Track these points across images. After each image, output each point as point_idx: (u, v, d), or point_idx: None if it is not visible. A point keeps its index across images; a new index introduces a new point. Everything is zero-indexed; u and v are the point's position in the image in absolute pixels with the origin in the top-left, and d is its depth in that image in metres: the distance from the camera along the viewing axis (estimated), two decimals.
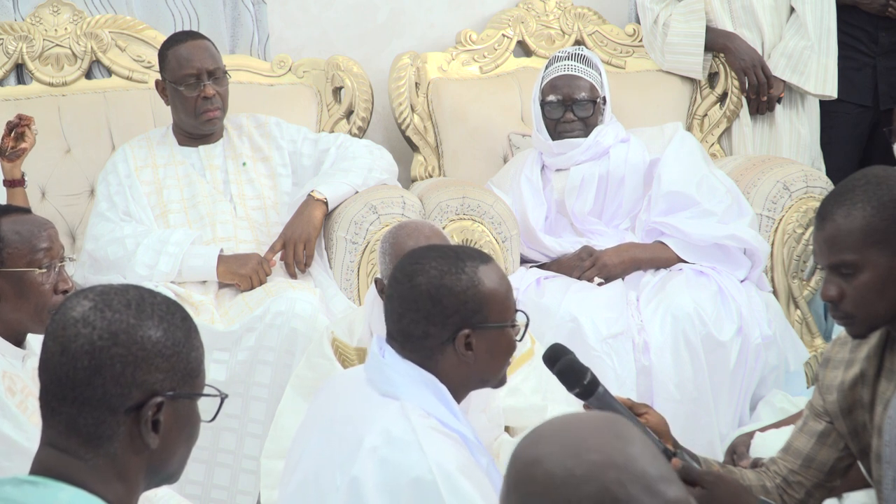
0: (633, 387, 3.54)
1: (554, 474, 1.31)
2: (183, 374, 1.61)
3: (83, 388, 1.56)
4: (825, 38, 4.34)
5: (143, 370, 1.57)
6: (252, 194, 3.83)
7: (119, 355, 1.56)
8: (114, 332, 1.57)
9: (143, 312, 1.59)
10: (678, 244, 3.79)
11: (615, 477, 1.30)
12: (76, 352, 1.56)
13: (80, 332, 1.56)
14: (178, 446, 1.64)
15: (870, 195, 2.13)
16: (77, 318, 1.58)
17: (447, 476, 2.04)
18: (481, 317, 2.16)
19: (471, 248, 2.31)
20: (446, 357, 2.16)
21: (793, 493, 2.37)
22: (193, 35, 3.85)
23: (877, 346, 2.26)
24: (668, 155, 3.90)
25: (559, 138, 3.89)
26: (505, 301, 2.20)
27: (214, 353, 3.44)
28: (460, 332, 2.15)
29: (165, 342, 1.59)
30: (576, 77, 3.89)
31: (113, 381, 1.56)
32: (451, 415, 2.14)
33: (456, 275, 2.15)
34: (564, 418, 1.39)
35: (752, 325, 3.64)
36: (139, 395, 1.57)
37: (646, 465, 1.32)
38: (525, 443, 1.37)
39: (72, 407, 1.56)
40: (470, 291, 2.15)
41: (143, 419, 1.57)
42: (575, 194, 3.88)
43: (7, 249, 2.61)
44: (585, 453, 1.31)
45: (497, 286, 2.19)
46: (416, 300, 2.15)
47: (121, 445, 1.58)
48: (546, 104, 3.89)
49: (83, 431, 1.57)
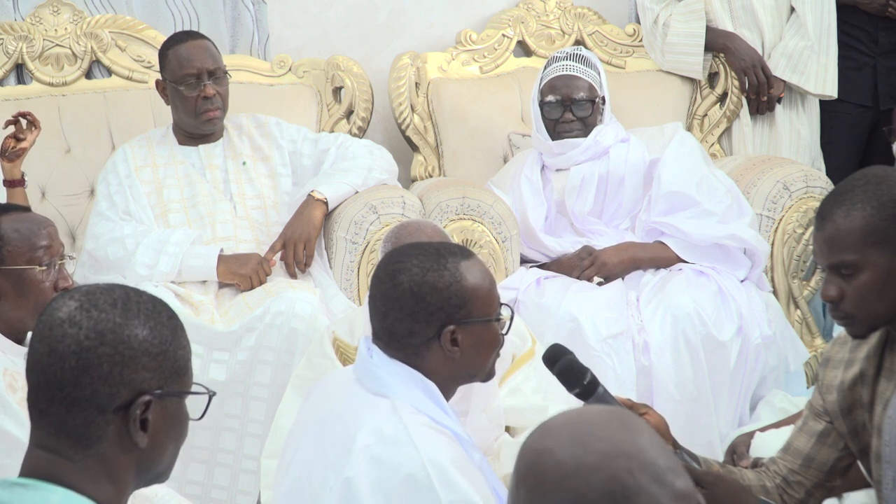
0: (633, 387, 3.54)
1: (563, 463, 1.32)
2: (170, 372, 1.61)
3: (71, 388, 1.56)
4: (825, 38, 4.35)
5: (130, 369, 1.57)
6: (252, 194, 3.83)
7: (106, 354, 1.56)
8: (100, 331, 1.57)
9: (129, 311, 1.59)
10: (678, 244, 3.79)
11: (625, 466, 1.30)
12: (63, 352, 1.56)
13: (67, 333, 1.56)
14: (167, 445, 1.63)
15: (869, 195, 2.13)
16: (63, 318, 1.57)
17: (440, 470, 2.05)
18: (465, 312, 2.17)
19: (453, 244, 2.32)
20: (432, 354, 2.17)
21: (793, 493, 2.37)
22: (194, 35, 3.85)
23: (876, 346, 2.26)
24: (668, 155, 3.90)
25: (558, 138, 3.89)
26: (488, 295, 2.21)
27: (214, 353, 3.44)
28: (445, 328, 2.15)
29: (152, 341, 1.59)
30: (574, 77, 3.89)
31: (101, 380, 1.56)
32: (441, 411, 2.15)
33: (438, 271, 2.16)
34: (573, 412, 1.39)
35: (752, 325, 3.64)
36: (127, 394, 1.57)
37: (655, 455, 1.32)
38: (534, 435, 1.38)
39: (60, 407, 1.56)
40: (453, 287, 2.16)
41: (131, 418, 1.57)
42: (575, 194, 3.88)
43: (7, 247, 2.62)
44: (595, 443, 1.32)
45: (480, 281, 2.20)
46: (398, 298, 2.15)
47: (110, 445, 1.58)
48: (545, 104, 3.89)
49: (72, 432, 1.56)
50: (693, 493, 1.32)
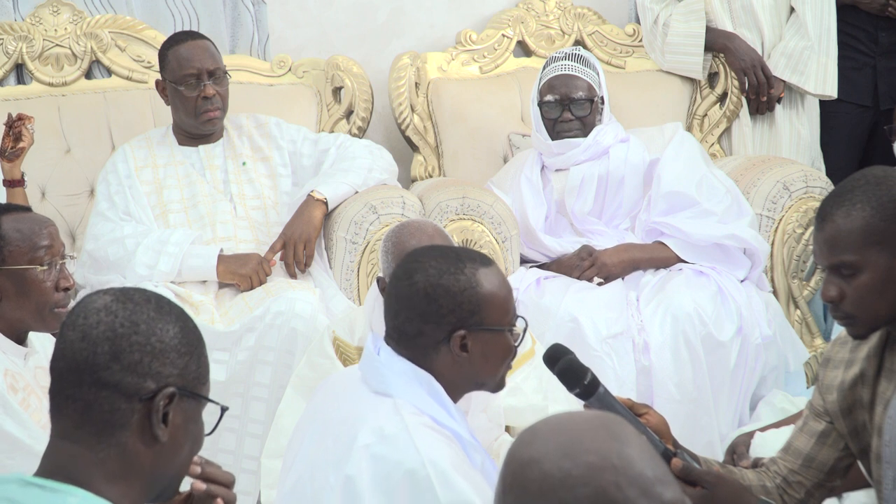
0: (633, 387, 3.54)
1: (550, 475, 1.31)
2: (193, 376, 1.65)
3: (102, 371, 1.58)
4: (825, 38, 4.35)
5: (159, 361, 1.60)
6: (252, 194, 3.83)
7: (139, 343, 1.59)
8: (135, 321, 1.60)
9: (162, 309, 1.64)
10: (678, 244, 3.80)
11: (612, 479, 1.30)
12: (97, 337, 1.59)
13: (103, 320, 1.60)
14: (184, 444, 1.66)
15: (869, 195, 2.13)
16: (99, 307, 1.61)
17: (440, 472, 2.05)
18: (478, 319, 2.16)
19: (473, 250, 2.31)
20: (441, 357, 2.16)
21: (793, 493, 2.37)
22: (194, 35, 3.85)
23: (877, 346, 2.26)
24: (668, 155, 3.90)
25: (558, 138, 3.90)
26: (503, 305, 2.20)
27: (214, 353, 3.44)
28: (455, 333, 2.15)
29: (182, 340, 1.63)
30: (573, 77, 3.89)
31: (130, 368, 1.59)
32: (446, 412, 2.15)
33: (454, 275, 2.15)
34: (559, 417, 1.38)
35: (752, 325, 3.64)
36: (153, 385, 1.60)
37: (643, 467, 1.31)
38: (521, 442, 1.37)
39: (89, 392, 1.59)
40: (467, 293, 2.15)
41: (154, 409, 1.60)
42: (575, 194, 3.88)
43: (8, 247, 2.62)
44: (582, 455, 1.31)
45: (496, 289, 2.18)
46: (411, 298, 2.16)
47: (132, 435, 1.60)
48: (544, 104, 3.90)
49: (97, 419, 1.59)
50: (682, 501, 1.32)
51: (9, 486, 1.56)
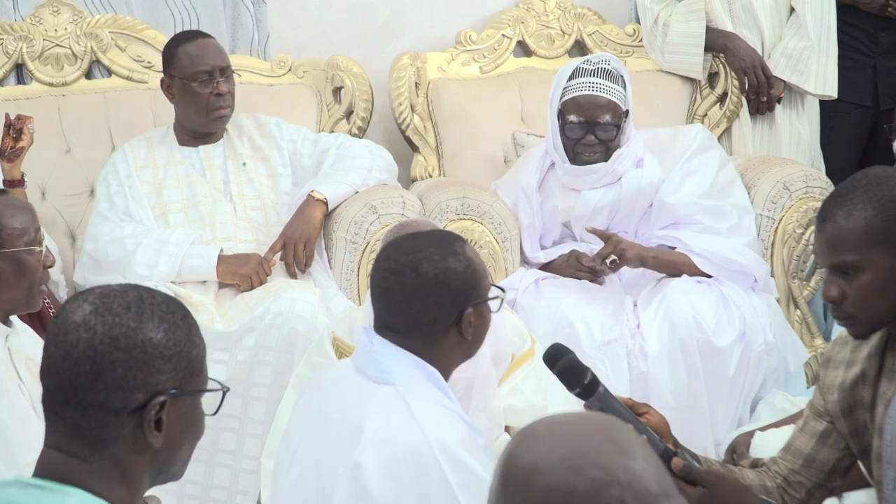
0: (627, 393, 3.51)
1: (556, 489, 1.31)
2: (185, 372, 1.61)
3: (86, 392, 1.56)
4: (825, 38, 4.34)
5: (144, 372, 1.57)
6: (252, 194, 3.83)
7: (120, 359, 1.56)
8: (114, 336, 1.57)
9: (143, 314, 1.59)
10: (704, 263, 3.70)
11: (617, 495, 1.30)
12: (78, 357, 1.56)
13: (82, 337, 1.56)
14: (182, 444, 1.64)
15: (870, 196, 2.13)
16: (78, 322, 1.57)
17: (447, 451, 2.08)
18: (477, 293, 2.24)
19: (443, 230, 2.40)
20: (449, 339, 2.22)
21: (793, 493, 2.37)
22: (202, 34, 3.87)
23: (877, 346, 2.26)
24: (674, 180, 3.79)
25: (577, 160, 3.74)
26: (487, 275, 2.31)
27: (214, 353, 3.44)
28: (465, 311, 2.21)
29: (167, 343, 1.59)
30: (600, 97, 3.69)
31: (115, 385, 1.56)
32: (445, 396, 2.19)
33: (455, 256, 2.22)
34: (560, 420, 1.38)
35: (756, 331, 3.60)
36: (142, 396, 1.57)
37: (648, 482, 1.32)
38: (521, 445, 1.36)
39: (75, 411, 1.57)
40: (469, 270, 2.23)
41: (146, 419, 1.58)
42: (584, 221, 3.78)
43: (6, 231, 2.65)
44: (589, 469, 1.31)
45: (481, 261, 2.29)
46: (424, 287, 2.19)
47: (125, 447, 1.58)
48: (567, 124, 3.71)
49: (87, 434, 1.57)
50: None
51: (9, 490, 1.55)
